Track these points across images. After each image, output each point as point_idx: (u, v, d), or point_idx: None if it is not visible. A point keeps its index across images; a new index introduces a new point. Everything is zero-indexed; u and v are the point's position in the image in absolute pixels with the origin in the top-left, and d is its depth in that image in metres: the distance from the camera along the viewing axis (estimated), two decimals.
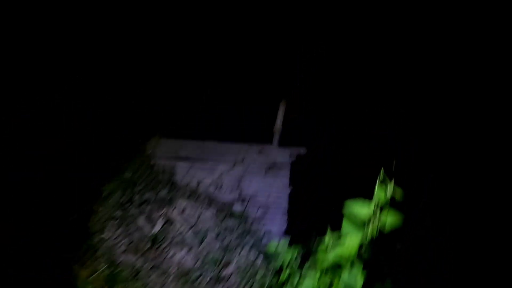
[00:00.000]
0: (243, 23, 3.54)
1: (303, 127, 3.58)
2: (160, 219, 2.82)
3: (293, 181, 3.28)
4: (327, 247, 1.68)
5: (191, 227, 2.83)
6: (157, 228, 2.78)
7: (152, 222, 2.80)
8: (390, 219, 1.56)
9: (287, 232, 2.94)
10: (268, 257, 2.60)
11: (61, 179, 2.89)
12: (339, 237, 1.65)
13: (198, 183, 3.21)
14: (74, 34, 3.47)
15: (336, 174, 3.17)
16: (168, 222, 2.82)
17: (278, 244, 2.40)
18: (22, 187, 2.77)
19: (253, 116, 3.58)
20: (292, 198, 3.17)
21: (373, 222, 1.56)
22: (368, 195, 1.64)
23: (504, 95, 2.89)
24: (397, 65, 3.28)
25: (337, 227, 1.65)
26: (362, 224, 1.59)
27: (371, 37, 3.34)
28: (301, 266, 2.17)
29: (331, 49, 3.51)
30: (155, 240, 2.67)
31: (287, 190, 3.22)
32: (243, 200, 3.13)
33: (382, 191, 1.56)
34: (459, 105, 3.05)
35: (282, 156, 3.47)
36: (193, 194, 3.10)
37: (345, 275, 1.55)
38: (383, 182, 1.58)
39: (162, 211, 2.91)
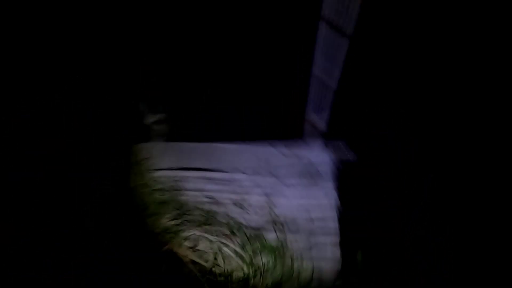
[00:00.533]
0: (243, 23, 3.54)
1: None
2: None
3: (342, 193, 2.45)
4: None
5: None
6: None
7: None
8: None
9: (342, 273, 2.18)
10: None
11: (61, 179, 2.89)
12: None
13: (215, 203, 2.37)
14: (73, 34, 3.47)
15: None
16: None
17: None
18: (22, 187, 2.77)
19: (253, 117, 3.58)
20: (344, 220, 2.35)
21: None
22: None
23: (504, 95, 2.89)
24: (397, 65, 3.28)
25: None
26: None
27: (370, 36, 3.34)
28: None
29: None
30: None
31: (335, 208, 2.41)
32: (277, 225, 2.29)
33: None
34: (458, 104, 3.05)
35: (320, 155, 2.57)
36: (209, 220, 2.27)
37: None
38: None
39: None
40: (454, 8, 2.85)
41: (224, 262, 2.14)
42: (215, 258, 2.14)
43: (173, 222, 2.31)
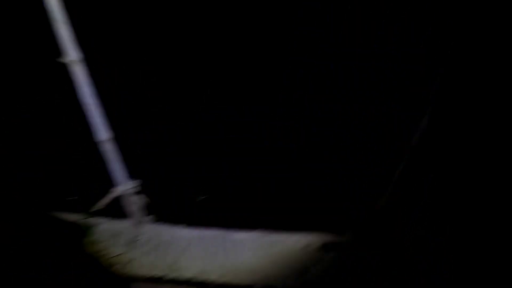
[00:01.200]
0: (243, 23, 3.53)
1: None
2: None
3: None
4: None
5: None
6: None
7: None
8: None
9: None
10: None
11: (61, 179, 2.89)
12: None
13: None
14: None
15: None
16: None
17: None
18: (22, 187, 2.77)
19: (253, 117, 3.57)
20: None
21: None
22: None
23: (503, 98, 2.88)
24: (395, 64, 3.27)
25: None
26: None
27: None
28: None
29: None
30: None
31: None
32: None
33: None
34: (458, 104, 3.05)
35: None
36: None
37: None
38: None
39: None
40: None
41: None
42: None
43: None
